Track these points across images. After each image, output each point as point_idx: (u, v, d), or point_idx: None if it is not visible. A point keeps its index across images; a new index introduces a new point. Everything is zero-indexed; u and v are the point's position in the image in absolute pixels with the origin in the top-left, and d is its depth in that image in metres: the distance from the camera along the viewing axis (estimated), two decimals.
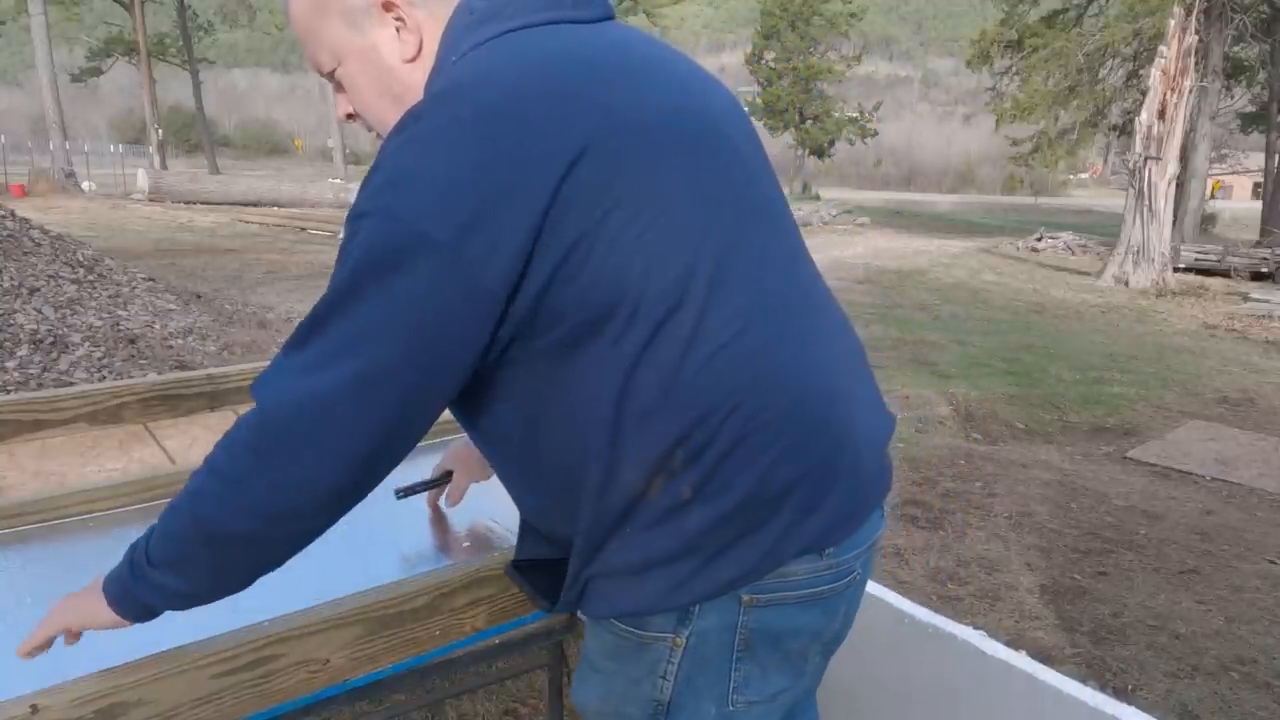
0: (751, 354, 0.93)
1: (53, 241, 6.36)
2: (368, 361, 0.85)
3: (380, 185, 0.85)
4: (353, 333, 0.85)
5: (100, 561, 1.25)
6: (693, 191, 0.92)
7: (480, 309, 0.85)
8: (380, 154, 0.88)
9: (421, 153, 0.85)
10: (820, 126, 34.25)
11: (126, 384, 1.91)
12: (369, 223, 0.85)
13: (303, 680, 1.04)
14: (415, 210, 0.83)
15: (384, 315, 0.84)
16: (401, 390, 0.87)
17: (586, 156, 0.85)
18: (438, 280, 0.83)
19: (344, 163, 34.12)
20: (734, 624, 0.99)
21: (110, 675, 0.92)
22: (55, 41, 24.56)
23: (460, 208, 0.82)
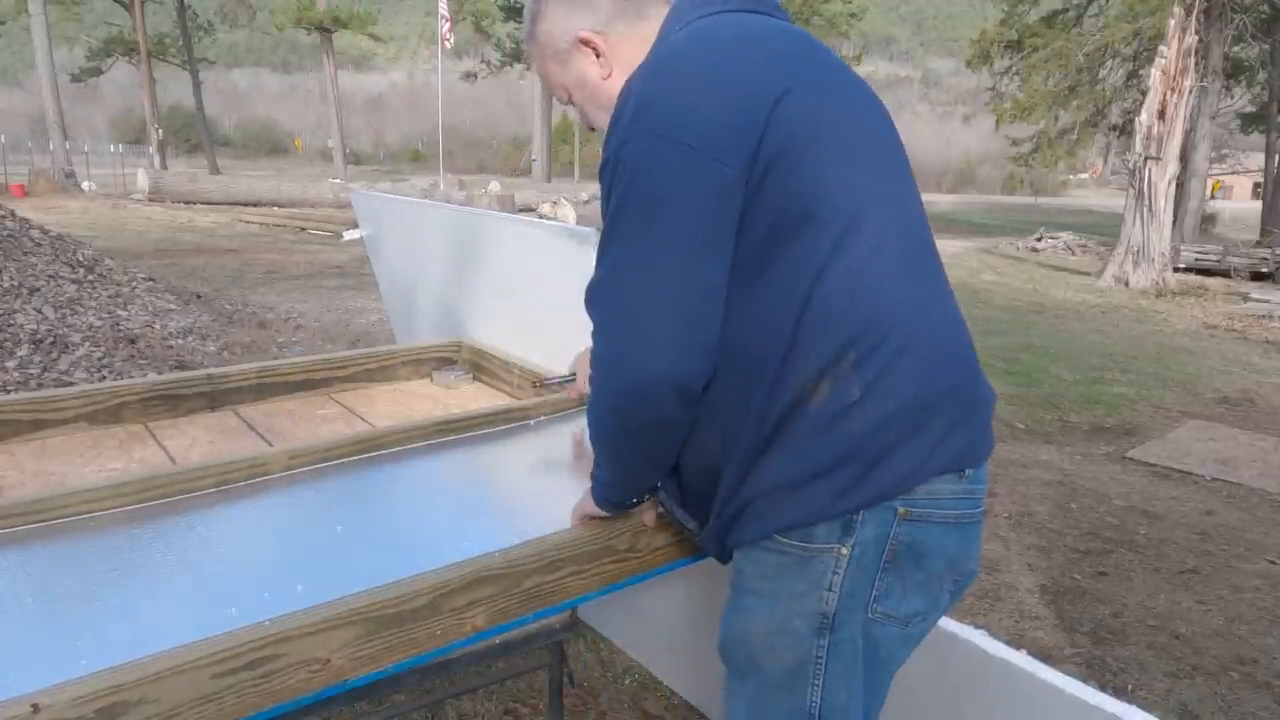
0: (912, 278, 1.10)
1: (53, 241, 6.36)
2: (659, 255, 1.03)
3: (635, 114, 1.05)
4: (643, 233, 1.03)
5: (100, 561, 1.25)
6: (866, 138, 1.12)
7: (733, 201, 1.03)
8: (623, 98, 1.09)
9: (668, 86, 1.06)
10: None
11: (126, 384, 1.91)
12: (634, 145, 1.04)
13: (303, 680, 1.04)
14: (672, 127, 1.02)
15: (669, 214, 1.02)
16: (690, 277, 1.03)
17: (791, 93, 1.04)
18: (703, 179, 1.02)
19: (344, 163, 34.11)
20: (887, 535, 1.07)
21: (111, 675, 0.92)
22: (55, 41, 24.55)
23: (706, 122, 1.02)
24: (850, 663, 1.11)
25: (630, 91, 1.08)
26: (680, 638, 2.17)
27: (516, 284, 2.18)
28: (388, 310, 3.11)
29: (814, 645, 1.10)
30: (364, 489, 1.54)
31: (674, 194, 1.02)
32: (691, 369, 1.05)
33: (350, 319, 7.36)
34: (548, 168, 34.52)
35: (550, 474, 1.70)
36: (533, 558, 1.22)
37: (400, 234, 2.71)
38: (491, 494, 1.59)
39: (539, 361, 2.17)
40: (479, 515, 1.46)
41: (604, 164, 1.09)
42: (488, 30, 36.46)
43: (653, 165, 1.03)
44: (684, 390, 1.06)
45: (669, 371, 1.04)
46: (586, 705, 2.34)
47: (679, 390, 1.05)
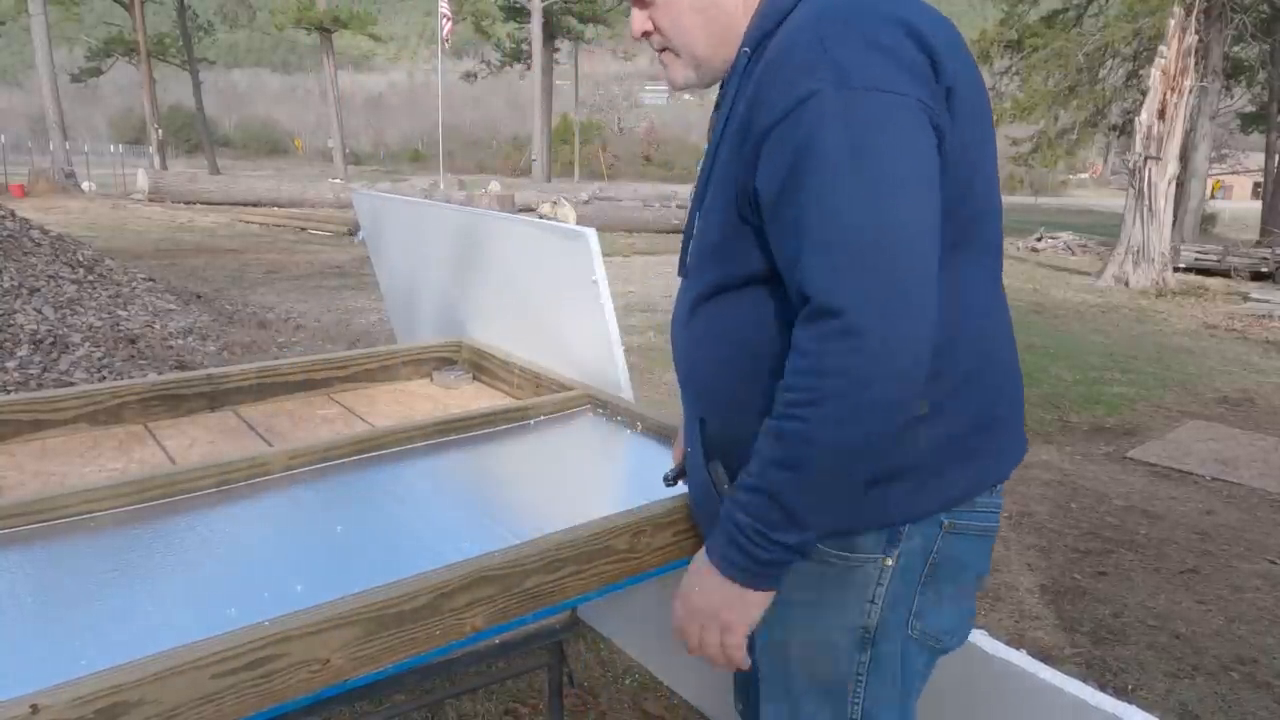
0: (996, 300, 1.09)
1: (53, 241, 6.35)
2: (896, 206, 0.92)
3: (835, 65, 0.93)
4: (873, 184, 0.92)
5: (100, 561, 1.25)
6: (989, 133, 1.07)
7: (935, 152, 0.96)
8: (803, 44, 0.96)
9: (867, 39, 0.95)
10: None
11: (126, 384, 1.91)
12: (835, 97, 0.92)
13: (303, 680, 1.04)
14: (880, 78, 0.92)
15: (893, 163, 0.92)
16: (929, 226, 0.94)
17: (956, 88, 0.98)
18: (921, 126, 0.94)
19: (344, 163, 34.10)
20: (931, 547, 1.03)
21: (110, 675, 0.92)
22: (55, 41, 24.55)
23: (909, 74, 0.94)
24: (890, 679, 1.08)
25: (830, 37, 0.95)
26: None
27: (516, 284, 2.18)
28: (388, 310, 3.11)
29: (855, 660, 1.06)
30: (364, 489, 1.54)
31: (909, 142, 0.93)
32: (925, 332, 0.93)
33: (350, 319, 7.36)
34: (548, 168, 34.53)
35: (550, 474, 1.70)
36: (533, 558, 1.22)
37: (401, 234, 2.71)
38: (491, 494, 1.59)
39: (539, 361, 2.17)
40: (479, 515, 1.46)
41: (795, 105, 0.93)
42: (488, 30, 36.45)
43: (879, 115, 0.92)
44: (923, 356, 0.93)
45: (928, 342, 0.92)
46: (586, 705, 2.34)
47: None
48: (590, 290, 1.87)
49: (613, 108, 56.87)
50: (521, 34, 36.30)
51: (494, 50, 38.05)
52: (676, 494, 1.41)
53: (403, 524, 1.42)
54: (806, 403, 0.92)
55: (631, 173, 43.77)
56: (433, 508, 1.49)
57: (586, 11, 35.53)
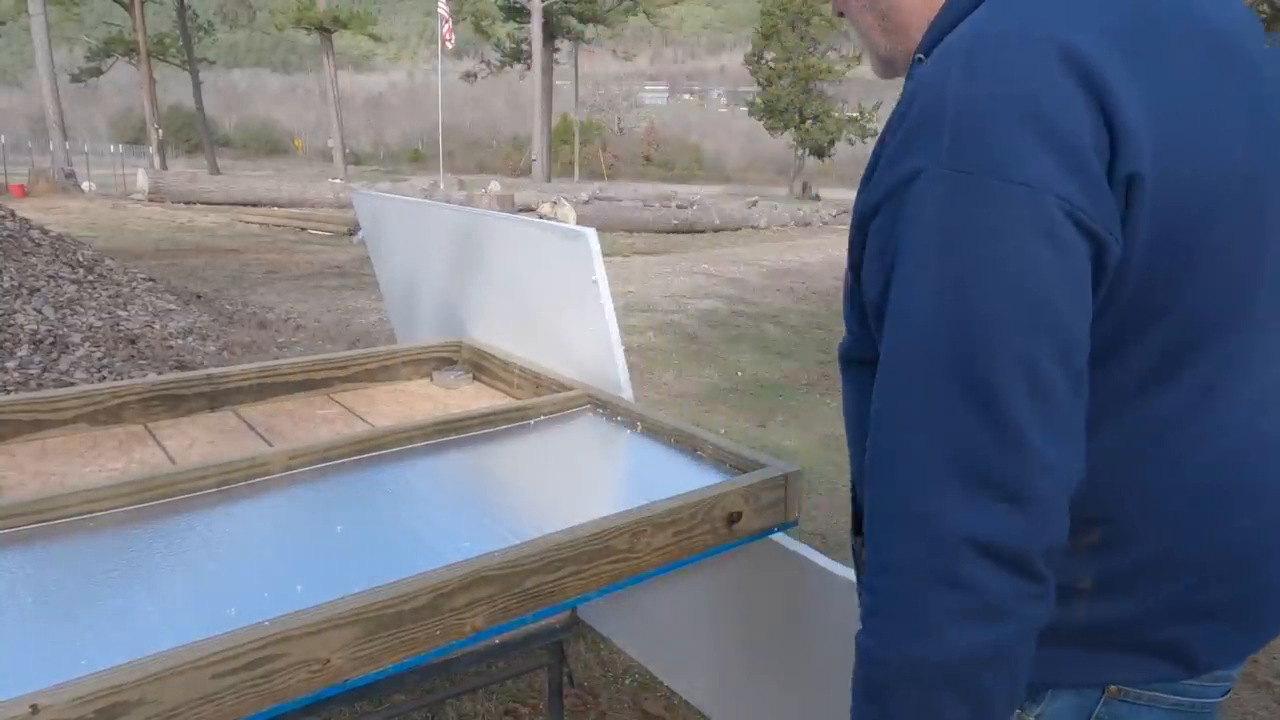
0: (1235, 440, 0.83)
1: (53, 241, 6.35)
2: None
3: (952, 128, 0.73)
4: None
5: (100, 561, 1.25)
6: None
7: (1070, 268, 0.74)
8: (933, 83, 0.76)
9: (1002, 87, 0.73)
10: (820, 126, 34.24)
11: (126, 384, 1.91)
12: (938, 180, 0.72)
13: (303, 680, 1.04)
14: (1002, 159, 0.71)
15: (984, 286, 0.72)
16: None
17: (1150, 171, 0.74)
18: (1048, 234, 0.71)
19: (344, 163, 34.11)
20: (1089, 712, 0.87)
21: (110, 675, 0.92)
22: (55, 41, 24.54)
23: (1052, 151, 0.71)
24: None
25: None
26: (680, 638, 2.17)
27: (516, 284, 2.18)
28: (388, 310, 3.11)
29: None
30: (364, 489, 1.54)
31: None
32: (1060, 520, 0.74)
33: (350, 319, 7.36)
34: (548, 168, 34.53)
35: (550, 474, 1.70)
36: (533, 558, 1.22)
37: (401, 234, 2.71)
38: (491, 494, 1.59)
39: (539, 361, 2.17)
40: (479, 515, 1.46)
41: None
42: (488, 30, 36.46)
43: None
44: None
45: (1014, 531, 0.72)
46: (586, 705, 2.34)
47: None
48: (590, 290, 1.87)
49: (613, 108, 56.88)
50: (521, 34, 36.30)
51: (494, 50, 38.05)
52: (677, 494, 1.41)
53: (403, 524, 1.42)
54: (871, 610, 0.76)
55: (631, 173, 43.77)
56: (433, 508, 1.49)
57: (586, 11, 35.53)
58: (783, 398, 5.66)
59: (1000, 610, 0.71)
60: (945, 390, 0.71)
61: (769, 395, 5.71)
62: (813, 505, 3.84)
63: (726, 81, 74.54)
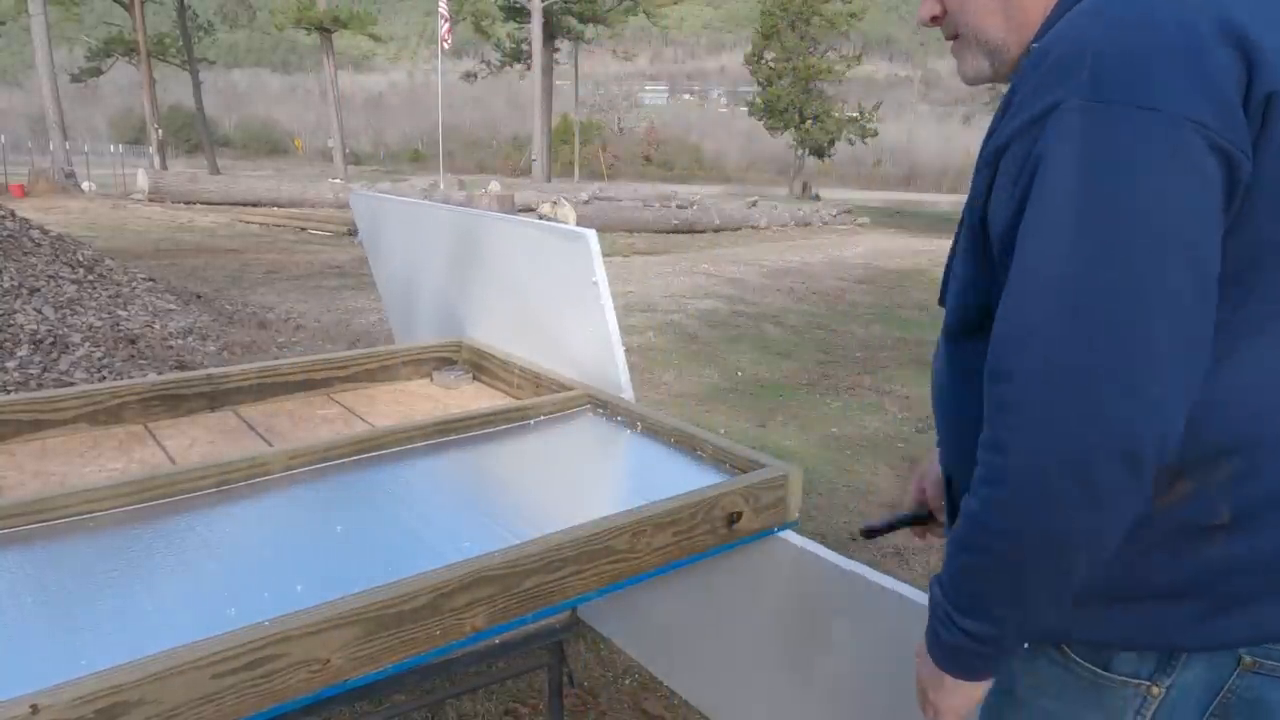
0: None
1: (53, 241, 6.35)
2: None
3: (1092, 67, 0.77)
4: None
5: (100, 561, 1.25)
6: None
7: (1211, 191, 0.78)
8: (1068, 37, 0.80)
9: (1144, 30, 0.78)
10: (820, 126, 34.24)
11: (126, 384, 1.91)
12: (1079, 112, 0.76)
13: (303, 680, 1.04)
14: (1143, 89, 0.76)
15: (1130, 205, 0.76)
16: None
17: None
18: (1190, 157, 0.76)
19: (344, 163, 34.10)
20: (1221, 685, 0.85)
21: (110, 675, 0.92)
22: (55, 41, 24.55)
23: (1193, 83, 0.76)
24: None
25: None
26: (680, 638, 2.17)
27: (516, 284, 2.18)
28: (387, 310, 3.11)
29: None
30: (364, 489, 1.54)
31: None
32: (1175, 431, 0.76)
33: (350, 319, 7.36)
34: (548, 168, 34.54)
35: (550, 474, 1.70)
36: (533, 558, 1.22)
37: (400, 234, 2.71)
38: (491, 494, 1.59)
39: (539, 361, 2.17)
40: (479, 515, 1.46)
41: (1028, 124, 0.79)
42: (488, 30, 36.45)
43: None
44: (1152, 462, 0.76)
45: (1159, 431, 0.75)
46: (586, 705, 2.34)
47: (1150, 462, 0.76)
48: (590, 291, 1.87)
49: (613, 108, 56.90)
50: (521, 34, 36.30)
51: (494, 50, 38.05)
52: (677, 494, 1.41)
53: (403, 524, 1.42)
54: (982, 479, 0.81)
55: (631, 173, 43.78)
56: (433, 508, 1.49)
57: (586, 11, 35.53)
58: (783, 398, 5.66)
59: (1106, 501, 0.76)
60: (1081, 296, 0.75)
61: (769, 395, 5.71)
62: (813, 505, 3.84)
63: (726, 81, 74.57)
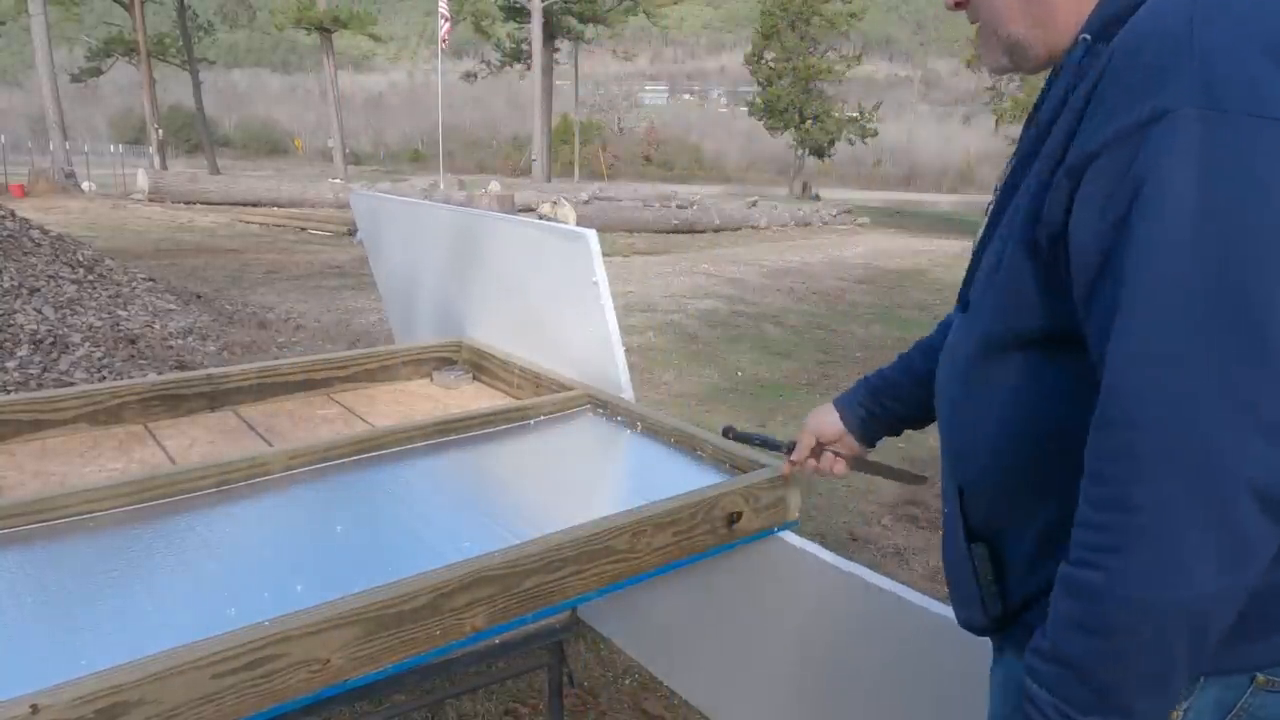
0: None
1: (53, 241, 6.35)
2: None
3: (1204, 73, 0.71)
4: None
5: (100, 561, 1.25)
6: None
7: None
8: (1163, 35, 0.74)
9: (1263, 35, 0.73)
10: (820, 126, 34.24)
11: (126, 384, 1.91)
12: (1197, 122, 0.70)
13: (303, 680, 1.04)
14: (1272, 99, 0.71)
15: (1270, 222, 0.71)
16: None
17: None
18: None
19: (344, 163, 34.11)
20: (1234, 703, 0.83)
21: (110, 675, 0.92)
22: (55, 41, 24.54)
23: None
24: None
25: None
26: (680, 638, 2.17)
27: (516, 284, 2.18)
28: (387, 310, 3.11)
29: None
30: (364, 489, 1.54)
31: None
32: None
33: (350, 319, 7.36)
34: (548, 168, 34.53)
35: (550, 474, 1.70)
36: (533, 558, 1.22)
37: (400, 234, 2.71)
38: (491, 494, 1.59)
39: (539, 361, 2.17)
40: (479, 515, 1.46)
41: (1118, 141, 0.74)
42: (488, 30, 36.45)
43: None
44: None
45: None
46: (586, 705, 2.34)
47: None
48: (590, 291, 1.87)
49: (613, 108, 56.90)
50: (521, 34, 36.30)
51: (494, 50, 38.05)
52: (677, 494, 1.41)
53: (403, 524, 1.42)
54: (1109, 548, 0.74)
55: (631, 173, 43.79)
56: (433, 508, 1.49)
57: (586, 11, 35.53)
58: (783, 398, 5.66)
59: (1253, 555, 0.71)
60: (1217, 330, 0.69)
61: (769, 395, 5.71)
62: (813, 505, 3.84)
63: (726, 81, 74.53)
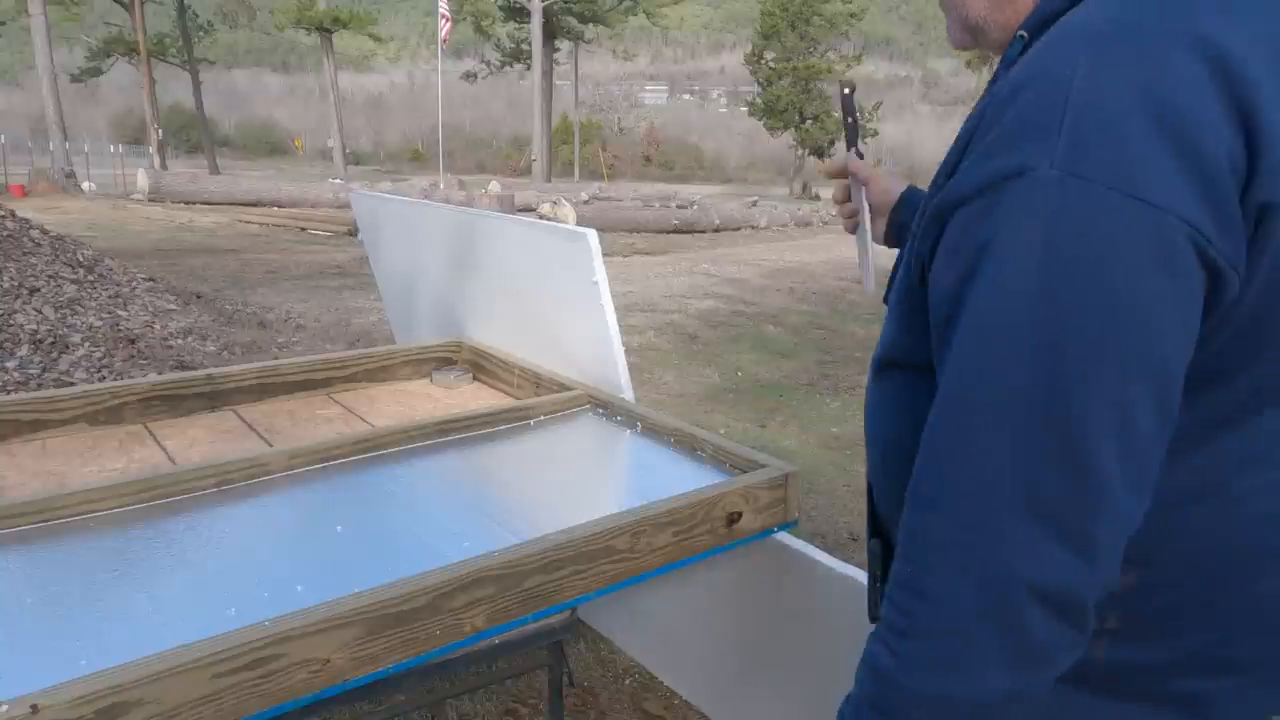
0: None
1: (53, 241, 6.36)
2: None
3: (1072, 131, 0.64)
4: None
5: (100, 561, 1.25)
6: None
7: (1189, 301, 0.68)
8: (1048, 74, 0.66)
9: (1141, 87, 0.65)
10: (820, 126, 34.24)
11: (126, 384, 1.91)
12: (1051, 186, 0.64)
13: (303, 680, 1.04)
14: (1131, 172, 0.64)
15: (1097, 311, 0.66)
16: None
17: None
18: (1173, 264, 0.64)
19: (344, 163, 34.11)
20: None
21: (110, 675, 0.92)
22: (55, 41, 24.54)
23: (1187, 170, 0.64)
24: None
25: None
26: (680, 638, 2.17)
27: (516, 284, 2.18)
28: (387, 310, 3.11)
29: None
30: (364, 489, 1.54)
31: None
32: (1114, 574, 0.69)
33: (350, 319, 7.36)
34: (548, 168, 34.54)
35: (550, 474, 1.70)
36: (533, 558, 1.22)
37: (400, 234, 2.71)
38: (491, 494, 1.59)
39: (539, 361, 2.17)
40: (479, 515, 1.46)
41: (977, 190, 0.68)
42: (488, 30, 36.46)
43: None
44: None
45: (1101, 577, 0.69)
46: (586, 705, 2.34)
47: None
48: (591, 291, 1.87)
49: (613, 108, 56.91)
50: (521, 34, 36.30)
51: (494, 50, 38.05)
52: (676, 494, 1.41)
53: (403, 524, 1.42)
54: (902, 631, 0.71)
55: (631, 173, 43.80)
56: (433, 508, 1.49)
57: (586, 11, 35.54)
58: (783, 398, 5.66)
59: (1044, 658, 0.68)
60: (1025, 422, 0.65)
61: (769, 395, 5.71)
62: (812, 505, 3.84)
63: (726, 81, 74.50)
